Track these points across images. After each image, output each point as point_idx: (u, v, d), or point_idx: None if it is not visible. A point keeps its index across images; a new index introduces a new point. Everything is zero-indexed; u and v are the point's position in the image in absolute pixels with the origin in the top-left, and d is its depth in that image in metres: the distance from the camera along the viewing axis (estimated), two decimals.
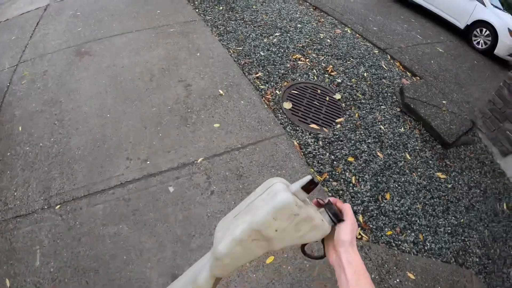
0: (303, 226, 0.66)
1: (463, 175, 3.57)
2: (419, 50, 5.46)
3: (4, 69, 4.38)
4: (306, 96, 4.04)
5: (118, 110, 3.57)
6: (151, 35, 4.74)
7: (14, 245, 2.56)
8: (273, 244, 0.66)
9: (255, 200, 0.68)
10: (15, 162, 3.16)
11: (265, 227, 0.64)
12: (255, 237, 0.65)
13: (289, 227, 0.65)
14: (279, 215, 0.63)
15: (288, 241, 0.67)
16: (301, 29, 5.31)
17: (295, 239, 0.67)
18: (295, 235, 0.66)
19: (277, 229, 0.64)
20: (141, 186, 2.89)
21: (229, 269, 0.67)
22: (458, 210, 3.23)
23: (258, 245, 0.66)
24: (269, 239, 0.65)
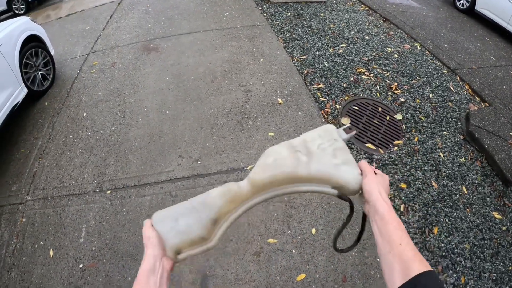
0: (340, 154, 0.78)
1: None
2: (491, 73, 5.14)
3: (76, 57, 4.86)
4: (366, 113, 3.99)
5: (178, 108, 3.81)
6: (217, 36, 5.01)
7: (63, 220, 2.86)
8: (312, 161, 0.77)
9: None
10: (76, 144, 3.50)
11: (311, 140, 0.81)
12: (301, 148, 0.80)
13: (329, 149, 0.79)
14: (323, 134, 0.83)
15: (325, 164, 0.76)
16: (369, 42, 5.28)
17: (331, 166, 0.76)
18: (332, 160, 0.77)
19: (319, 146, 0.80)
20: (189, 185, 3.06)
21: (267, 174, 0.76)
22: (509, 256, 2.97)
23: (299, 158, 0.78)
24: (311, 153, 0.79)
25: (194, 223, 0.72)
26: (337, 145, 0.80)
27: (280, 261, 2.56)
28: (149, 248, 0.71)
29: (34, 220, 2.87)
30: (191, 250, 0.73)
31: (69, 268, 2.53)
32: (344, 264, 2.57)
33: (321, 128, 0.84)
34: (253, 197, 0.77)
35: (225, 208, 0.74)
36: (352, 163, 0.77)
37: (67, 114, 3.88)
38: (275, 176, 0.76)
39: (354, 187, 0.74)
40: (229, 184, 0.76)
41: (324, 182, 0.76)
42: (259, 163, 0.79)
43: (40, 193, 3.08)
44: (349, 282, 2.48)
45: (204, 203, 0.74)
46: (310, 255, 2.61)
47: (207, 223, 0.72)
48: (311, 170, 0.76)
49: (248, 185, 0.76)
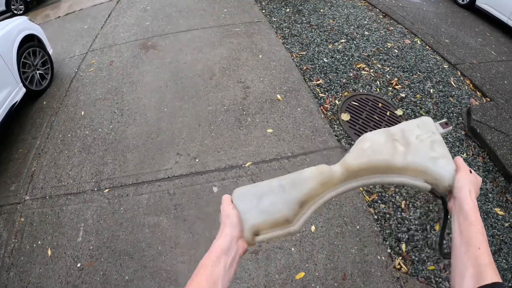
0: (437, 148, 0.76)
1: None
2: (493, 68, 5.09)
3: (75, 55, 4.87)
4: (366, 109, 3.97)
5: (175, 106, 3.80)
6: (215, 33, 5.00)
7: (61, 219, 2.87)
8: (409, 152, 0.75)
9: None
10: (74, 143, 3.50)
11: (409, 130, 0.79)
12: (398, 137, 0.78)
13: (427, 141, 0.77)
14: (422, 125, 0.80)
15: (422, 157, 0.74)
16: (368, 37, 5.25)
17: (428, 158, 0.74)
18: (429, 153, 0.74)
19: (417, 136, 0.78)
20: (187, 183, 3.06)
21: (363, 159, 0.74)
22: (511, 252, 3.00)
23: (396, 147, 0.76)
24: (408, 144, 0.77)
25: (280, 202, 0.69)
26: (435, 137, 0.78)
27: (279, 260, 2.56)
28: (227, 227, 0.69)
29: (32, 220, 2.88)
30: (272, 232, 0.70)
31: (67, 268, 2.54)
32: (344, 262, 2.56)
33: (419, 119, 0.82)
34: (344, 183, 0.75)
35: (315, 191, 0.71)
36: (449, 158, 0.75)
37: (65, 113, 3.89)
38: (370, 162, 0.74)
39: (448, 183, 0.72)
40: (322, 166, 0.74)
41: (418, 175, 0.74)
42: (354, 148, 0.78)
43: (38, 193, 3.09)
44: (349, 280, 2.47)
45: (293, 183, 0.71)
46: (309, 253, 2.60)
47: (295, 204, 0.69)
48: (407, 160, 0.74)
49: (341, 169, 0.75)
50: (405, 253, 2.70)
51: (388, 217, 2.95)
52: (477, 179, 0.74)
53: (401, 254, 2.68)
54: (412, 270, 2.61)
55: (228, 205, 0.72)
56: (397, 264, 2.60)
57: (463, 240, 0.63)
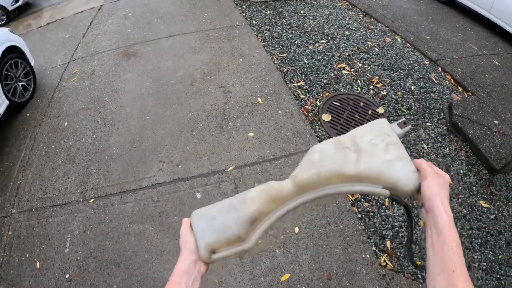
0: (392, 150, 0.73)
1: (509, 205, 3.28)
2: (473, 63, 5.18)
3: (57, 65, 4.89)
4: (348, 108, 4.03)
5: (158, 113, 3.86)
6: (196, 38, 5.05)
7: (48, 231, 2.90)
8: (361, 157, 0.73)
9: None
10: (58, 154, 3.54)
11: (360, 136, 0.77)
12: (349, 144, 0.76)
13: (380, 145, 0.74)
14: (374, 129, 0.78)
15: (375, 161, 0.71)
16: (349, 37, 5.32)
17: (382, 163, 0.71)
18: (383, 157, 0.72)
19: (370, 141, 0.75)
20: (171, 189, 3.11)
21: (312, 171, 0.73)
22: (498, 244, 2.96)
23: (347, 155, 0.74)
24: (360, 149, 0.74)
25: (231, 221, 0.70)
26: (389, 140, 0.75)
27: (264, 262, 2.59)
28: (185, 252, 0.71)
29: (20, 233, 2.92)
30: (226, 250, 0.71)
31: (56, 279, 2.58)
32: (329, 262, 2.60)
33: (373, 123, 0.80)
34: (297, 198, 0.73)
35: (264, 208, 0.71)
36: (406, 160, 0.71)
37: (48, 124, 3.92)
38: (320, 173, 0.72)
39: (407, 186, 0.68)
40: (271, 182, 0.74)
41: (374, 181, 0.71)
42: (303, 160, 0.76)
43: (24, 205, 3.13)
44: (335, 279, 2.50)
45: (243, 201, 0.72)
46: (294, 254, 2.64)
47: (245, 222, 0.70)
48: (359, 167, 0.71)
49: (291, 183, 0.73)
50: (390, 250, 2.74)
51: (372, 215, 3.00)
52: (445, 179, 0.69)
53: (386, 251, 2.72)
54: (398, 266, 2.65)
55: (186, 230, 0.74)
56: (382, 261, 2.64)
57: (437, 260, 0.60)
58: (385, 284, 2.52)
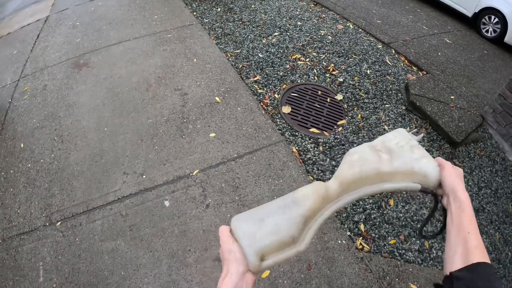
0: (417, 151, 0.83)
1: (473, 175, 3.48)
2: (426, 42, 5.34)
3: (6, 84, 4.60)
4: (306, 98, 4.04)
5: (115, 123, 3.71)
6: (148, 42, 4.88)
7: (18, 262, 2.75)
8: (393, 158, 0.82)
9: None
10: (18, 179, 3.35)
11: (388, 140, 0.87)
12: (380, 147, 0.85)
13: (406, 147, 0.84)
14: (398, 135, 0.89)
15: (406, 160, 0.81)
16: (301, 27, 5.31)
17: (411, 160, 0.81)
18: (411, 156, 0.82)
19: (397, 144, 0.85)
20: (138, 201, 3.03)
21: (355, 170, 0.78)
22: None
23: (381, 156, 0.82)
24: (390, 151, 0.84)
25: (284, 221, 0.67)
26: (412, 143, 0.86)
27: None
28: (232, 264, 0.63)
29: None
30: (279, 254, 0.65)
31: None
32: (306, 252, 2.61)
33: (394, 131, 0.91)
34: (341, 197, 0.76)
35: (316, 207, 0.71)
36: (429, 157, 0.82)
37: (4, 148, 3.69)
38: (362, 172, 0.78)
39: (435, 177, 0.79)
40: (318, 182, 0.75)
41: (407, 176, 0.79)
42: (344, 161, 0.82)
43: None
44: (315, 269, 2.54)
45: (293, 200, 0.70)
46: None
47: (300, 221, 0.67)
48: (394, 165, 0.79)
49: (336, 183, 0.76)
50: (365, 233, 2.81)
51: None
52: (460, 171, 0.82)
53: (361, 234, 2.79)
54: (374, 247, 2.72)
55: (227, 238, 0.67)
56: (358, 244, 2.70)
57: (455, 225, 0.70)
58: (364, 266, 2.58)
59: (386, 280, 2.53)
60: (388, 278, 2.54)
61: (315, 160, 3.37)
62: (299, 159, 3.37)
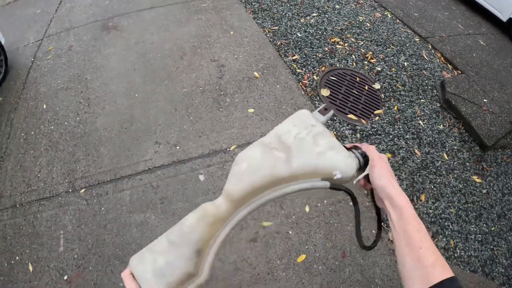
0: (321, 140, 0.67)
1: (498, 180, 3.30)
2: (461, 41, 5.06)
3: (29, 43, 4.28)
4: (345, 83, 3.78)
5: (147, 90, 3.40)
6: (181, 10, 4.53)
7: (37, 228, 2.48)
8: (291, 156, 0.65)
9: None
10: (39, 141, 3.06)
11: (285, 133, 0.69)
12: (275, 145, 0.68)
13: (307, 138, 0.67)
14: (297, 122, 0.71)
15: (307, 156, 0.65)
16: (340, 11, 4.99)
17: (314, 155, 0.65)
18: (314, 149, 0.66)
19: (296, 136, 0.68)
20: (170, 173, 2.74)
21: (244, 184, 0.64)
22: (490, 217, 2.98)
23: (276, 157, 0.66)
24: (288, 148, 0.66)
25: (175, 259, 0.59)
26: (315, 130, 0.69)
27: (278, 244, 2.39)
28: None
29: (5, 233, 2.47)
30: None
31: (53, 282, 2.20)
32: (342, 240, 2.47)
33: (293, 116, 0.73)
34: (235, 213, 0.65)
35: (206, 234, 0.61)
36: (337, 147, 0.67)
37: (25, 108, 3.38)
38: (253, 184, 0.64)
39: (345, 173, 0.65)
40: (204, 205, 0.64)
41: (312, 176, 0.65)
42: (232, 172, 0.67)
43: (7, 202, 2.66)
44: (349, 257, 2.40)
45: (181, 234, 0.61)
46: (307, 234, 2.46)
47: (191, 256, 0.59)
48: (292, 166, 0.65)
49: (225, 201, 0.64)
50: None
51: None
52: (386, 160, 0.68)
53: None
54: None
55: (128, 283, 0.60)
56: (391, 236, 2.52)
57: (403, 241, 0.59)
58: (395, 258, 2.39)
59: None
60: None
61: None
62: None
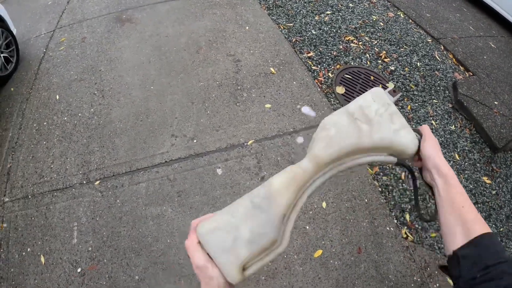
0: (396, 119, 0.70)
1: (508, 182, 3.29)
2: (472, 43, 5.02)
3: (41, 34, 4.21)
4: (359, 82, 3.74)
5: (163, 83, 3.33)
6: (196, 4, 4.47)
7: (50, 220, 2.41)
8: (373, 129, 0.68)
9: None
10: (52, 132, 2.99)
11: (366, 106, 0.72)
12: (358, 115, 0.70)
13: (385, 114, 0.71)
14: (376, 98, 0.73)
15: (385, 132, 0.68)
16: (353, 9, 4.94)
17: (391, 132, 0.68)
18: (390, 126, 0.69)
19: (376, 112, 0.71)
20: (187, 166, 2.68)
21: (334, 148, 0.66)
22: (499, 218, 2.96)
23: (360, 127, 0.69)
24: (370, 121, 0.69)
25: (261, 225, 0.57)
26: (391, 109, 0.72)
27: (295, 239, 2.36)
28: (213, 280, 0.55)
29: (16, 224, 2.41)
30: (260, 261, 0.58)
31: (66, 274, 2.14)
32: (357, 236, 2.45)
33: (372, 92, 0.75)
34: (317, 177, 0.66)
35: (293, 199, 0.61)
36: (408, 128, 0.71)
37: (37, 99, 3.32)
38: (341, 150, 0.66)
39: (411, 150, 0.69)
40: (292, 168, 0.64)
41: (385, 150, 0.69)
42: (319, 136, 0.69)
43: (18, 192, 2.59)
44: (364, 253, 2.38)
45: (269, 198, 0.59)
46: (324, 229, 2.43)
47: (278, 221, 0.58)
48: (374, 139, 0.68)
49: (311, 163, 0.65)
50: (410, 223, 2.67)
51: (391, 188, 2.88)
52: (436, 141, 0.71)
53: (406, 224, 2.65)
54: (417, 238, 2.58)
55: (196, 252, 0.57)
56: (403, 233, 2.58)
57: (447, 202, 0.63)
58: (409, 255, 2.44)
59: (427, 271, 2.39)
60: (429, 269, 2.41)
61: None
62: None
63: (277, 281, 2.17)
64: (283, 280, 2.18)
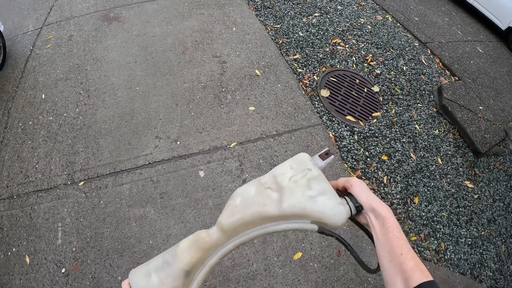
0: (314, 185, 0.69)
1: (490, 186, 3.36)
2: (459, 48, 5.08)
3: (28, 31, 4.18)
4: (344, 85, 3.78)
5: (148, 83, 3.36)
6: (184, 3, 4.47)
7: (34, 221, 2.43)
8: (284, 197, 0.68)
9: None
10: (38, 131, 3.00)
11: (281, 174, 0.72)
12: (270, 184, 0.72)
13: (302, 181, 0.70)
14: (295, 165, 0.74)
15: (298, 199, 0.68)
16: (341, 12, 4.97)
17: (305, 199, 0.67)
18: (306, 193, 0.68)
19: (290, 178, 0.71)
20: (171, 168, 2.72)
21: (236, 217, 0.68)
22: (481, 222, 3.05)
23: (269, 196, 0.70)
24: (282, 188, 0.70)
25: (167, 277, 0.64)
26: (311, 174, 0.72)
27: (276, 242, 2.41)
28: None
29: (2, 225, 2.43)
30: None
31: (51, 275, 2.18)
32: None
33: (293, 158, 0.76)
34: (226, 243, 0.69)
35: (196, 259, 0.66)
36: (329, 193, 0.69)
37: (23, 98, 3.31)
38: (244, 218, 0.68)
39: (333, 220, 0.66)
40: (198, 232, 0.69)
41: (301, 218, 0.68)
42: (227, 205, 0.71)
43: (3, 192, 2.60)
44: (343, 256, 2.42)
45: (174, 256, 0.66)
46: (304, 233, 2.48)
47: (179, 275, 0.64)
48: (282, 206, 0.68)
49: (218, 231, 0.69)
50: None
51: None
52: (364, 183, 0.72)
53: None
54: None
55: None
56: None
57: (385, 249, 0.63)
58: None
59: None
60: None
61: (350, 148, 3.18)
62: (335, 145, 3.14)
63: (256, 282, 2.22)
64: (262, 281, 2.23)
